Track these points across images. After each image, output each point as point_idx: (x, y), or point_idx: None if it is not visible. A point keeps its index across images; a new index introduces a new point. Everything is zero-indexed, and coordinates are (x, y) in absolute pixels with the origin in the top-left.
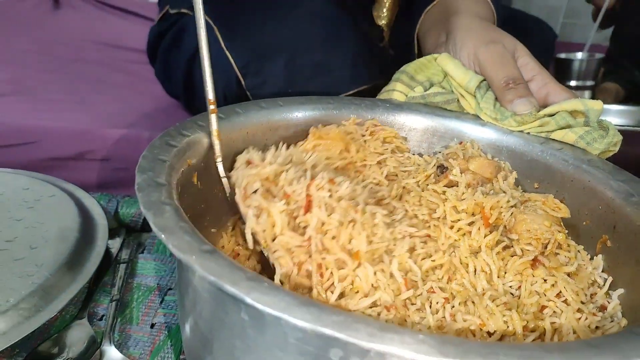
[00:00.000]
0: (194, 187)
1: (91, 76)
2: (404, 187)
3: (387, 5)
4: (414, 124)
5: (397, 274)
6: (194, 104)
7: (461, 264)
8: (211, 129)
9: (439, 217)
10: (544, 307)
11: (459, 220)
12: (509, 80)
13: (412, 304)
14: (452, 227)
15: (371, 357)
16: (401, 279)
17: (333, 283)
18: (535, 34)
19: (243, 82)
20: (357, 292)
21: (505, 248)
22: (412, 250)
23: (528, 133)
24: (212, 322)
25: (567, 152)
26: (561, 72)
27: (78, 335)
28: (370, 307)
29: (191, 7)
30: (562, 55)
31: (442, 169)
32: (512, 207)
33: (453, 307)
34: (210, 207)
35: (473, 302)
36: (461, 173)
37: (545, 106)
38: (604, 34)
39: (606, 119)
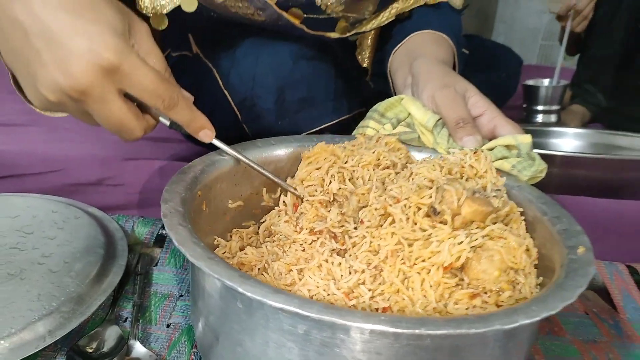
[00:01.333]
0: (203, 212)
1: None
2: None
3: (368, 49)
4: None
5: (338, 292)
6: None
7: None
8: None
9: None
10: None
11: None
12: (459, 120)
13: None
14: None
15: (323, 330)
16: (342, 294)
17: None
18: (502, 60)
19: (239, 116)
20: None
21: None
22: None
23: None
24: (218, 315)
25: (505, 179)
26: (529, 97)
27: (108, 333)
28: None
29: (190, 49)
30: (530, 82)
31: (434, 211)
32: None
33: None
34: (215, 224)
35: (404, 311)
36: (452, 218)
37: (494, 136)
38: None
39: (533, 151)
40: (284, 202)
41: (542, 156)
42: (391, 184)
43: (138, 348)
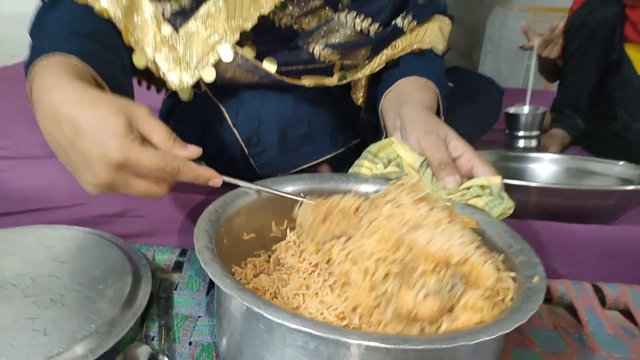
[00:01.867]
0: (224, 245)
1: None
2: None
3: (362, 89)
4: (374, 191)
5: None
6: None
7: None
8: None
9: None
10: None
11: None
12: (441, 162)
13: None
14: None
15: (329, 346)
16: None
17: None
18: (485, 91)
19: (247, 151)
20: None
21: None
22: None
23: (454, 200)
24: (241, 333)
25: (478, 214)
26: (511, 124)
27: (140, 351)
28: None
29: (199, 88)
30: (512, 110)
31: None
32: None
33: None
34: (233, 254)
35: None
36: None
37: (471, 175)
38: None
39: (502, 192)
40: (291, 236)
41: (521, 186)
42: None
43: None
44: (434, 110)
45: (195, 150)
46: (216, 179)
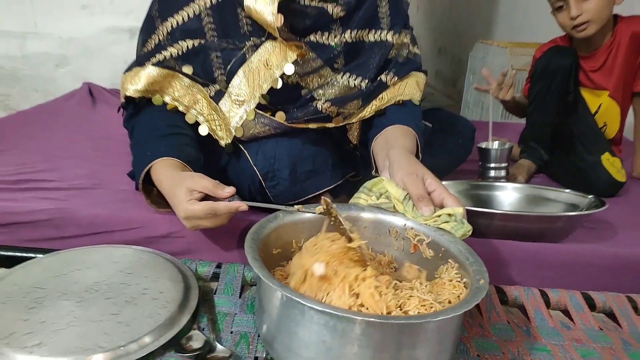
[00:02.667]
0: (261, 257)
1: None
2: None
3: (357, 130)
4: (369, 217)
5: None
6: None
7: None
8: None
9: None
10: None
11: None
12: (419, 196)
13: None
14: None
15: (342, 322)
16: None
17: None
18: (459, 128)
19: (264, 183)
20: None
21: None
22: None
23: (428, 224)
24: (280, 317)
25: (445, 235)
26: (482, 157)
27: (196, 337)
28: None
29: None
30: (483, 145)
31: None
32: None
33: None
34: (267, 265)
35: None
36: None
37: (442, 206)
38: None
39: (464, 219)
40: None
41: (486, 212)
42: None
43: (218, 346)
44: (413, 152)
45: (230, 191)
46: (243, 207)
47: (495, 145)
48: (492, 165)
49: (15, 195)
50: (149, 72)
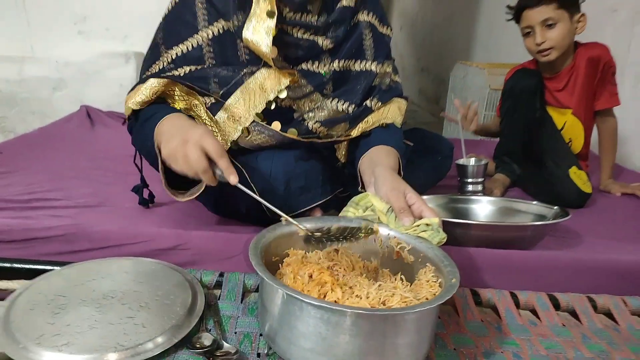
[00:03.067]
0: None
1: None
2: None
3: (344, 149)
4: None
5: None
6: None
7: None
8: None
9: None
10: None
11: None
12: (401, 209)
13: None
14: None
15: (335, 315)
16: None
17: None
18: (438, 147)
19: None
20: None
21: None
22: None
23: (409, 233)
24: (281, 314)
25: (423, 243)
26: (460, 173)
27: (205, 336)
28: None
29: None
30: (461, 162)
31: None
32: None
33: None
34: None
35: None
36: None
37: (420, 217)
38: None
39: (440, 228)
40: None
41: (462, 223)
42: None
43: (225, 344)
44: (396, 169)
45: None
46: (234, 178)
47: (472, 161)
48: (470, 180)
49: (28, 213)
50: (151, 83)
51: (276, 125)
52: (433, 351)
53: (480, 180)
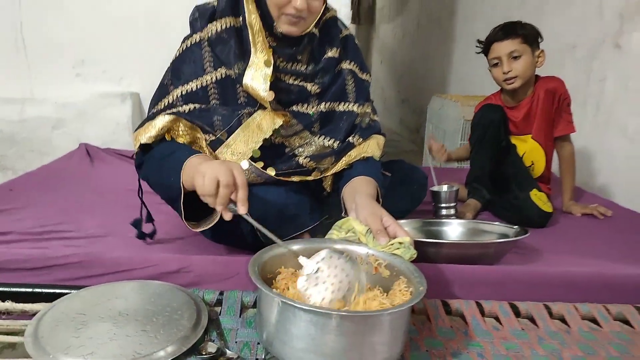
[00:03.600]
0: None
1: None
2: None
3: (330, 180)
4: (340, 248)
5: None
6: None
7: None
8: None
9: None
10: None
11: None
12: (378, 230)
13: None
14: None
15: (323, 317)
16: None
17: None
18: (414, 177)
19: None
20: None
21: None
22: None
23: (385, 251)
24: (277, 320)
25: (397, 259)
26: (434, 198)
27: (210, 346)
28: None
29: None
30: (435, 188)
31: None
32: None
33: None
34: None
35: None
36: None
37: (394, 236)
38: None
39: (411, 246)
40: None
41: (434, 242)
42: None
43: (227, 351)
44: (374, 197)
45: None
46: (244, 209)
47: (444, 188)
48: (443, 205)
49: (43, 244)
50: (159, 120)
51: (271, 170)
52: (408, 352)
53: (452, 204)
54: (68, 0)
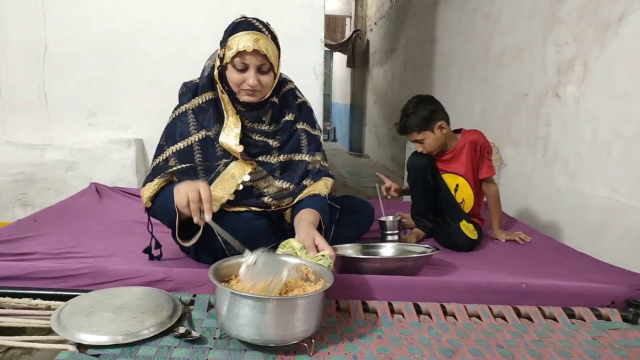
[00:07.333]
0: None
1: (143, 243)
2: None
3: (289, 211)
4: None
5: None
6: (199, 257)
7: None
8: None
9: None
10: None
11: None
12: (309, 247)
13: None
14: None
15: (258, 301)
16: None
17: None
18: (361, 209)
19: (224, 245)
20: None
21: None
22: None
23: (312, 261)
24: (229, 307)
25: (319, 267)
26: (381, 227)
27: (182, 329)
28: None
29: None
30: (381, 218)
31: None
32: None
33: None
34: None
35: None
36: None
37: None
38: None
39: (330, 257)
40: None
41: (364, 258)
42: None
43: (192, 332)
44: (315, 223)
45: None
46: (209, 217)
47: (390, 218)
48: (389, 232)
49: (61, 260)
50: (156, 182)
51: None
52: (326, 335)
53: (396, 232)
54: (84, 62)
